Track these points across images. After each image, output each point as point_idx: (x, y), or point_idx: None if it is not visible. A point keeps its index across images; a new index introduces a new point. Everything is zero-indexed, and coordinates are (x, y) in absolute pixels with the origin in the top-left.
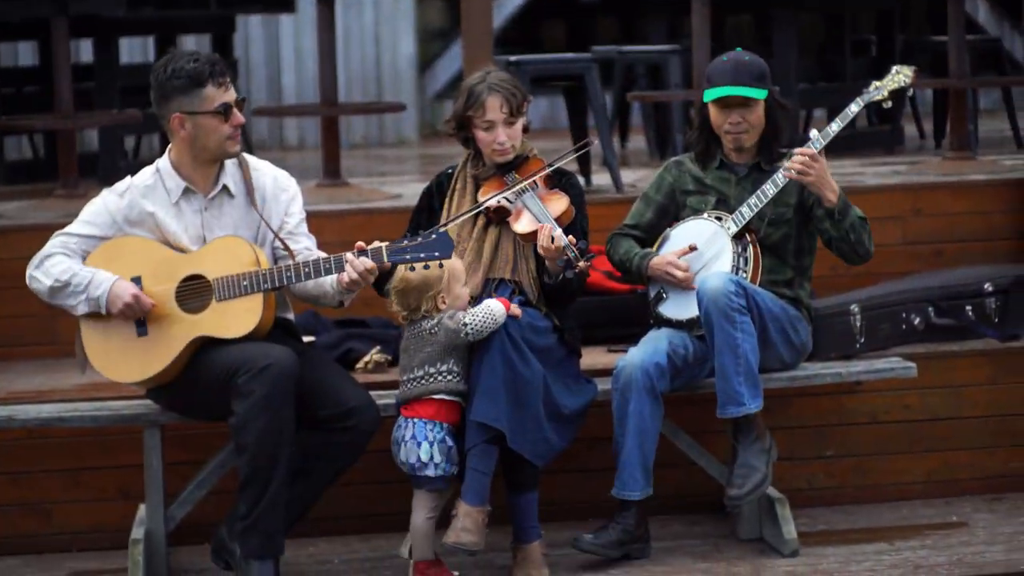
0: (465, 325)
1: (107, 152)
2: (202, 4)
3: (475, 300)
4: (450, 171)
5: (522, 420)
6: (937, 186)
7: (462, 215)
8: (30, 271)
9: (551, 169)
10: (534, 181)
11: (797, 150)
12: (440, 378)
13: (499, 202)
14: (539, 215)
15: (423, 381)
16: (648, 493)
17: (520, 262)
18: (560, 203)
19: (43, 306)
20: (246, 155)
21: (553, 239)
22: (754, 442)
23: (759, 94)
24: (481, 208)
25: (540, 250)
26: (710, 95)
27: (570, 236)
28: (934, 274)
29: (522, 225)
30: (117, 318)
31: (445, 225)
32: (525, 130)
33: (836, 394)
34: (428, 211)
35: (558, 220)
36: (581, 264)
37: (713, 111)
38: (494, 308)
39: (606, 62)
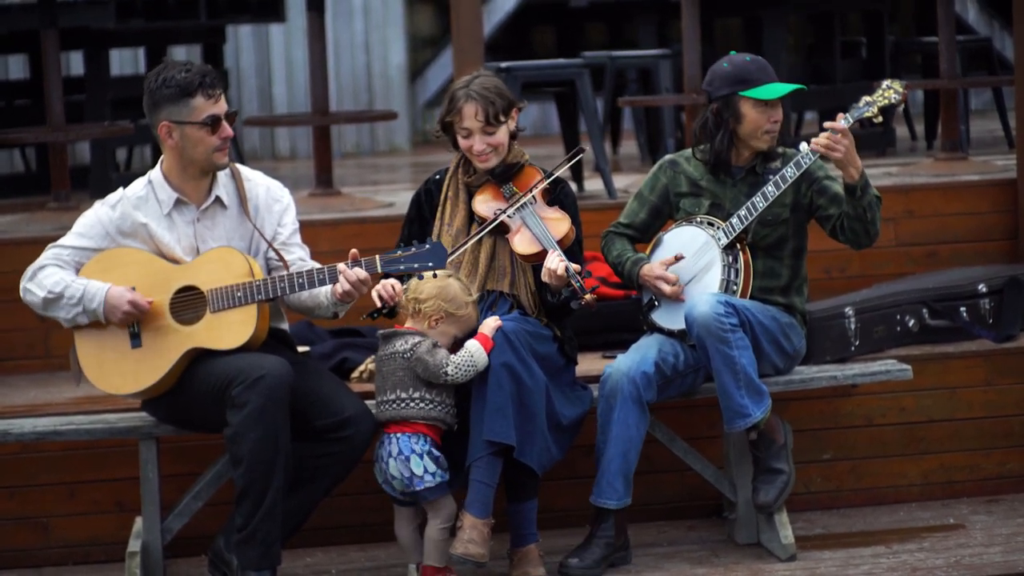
0: (447, 374)
1: (99, 164)
2: (192, 14)
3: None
4: (438, 177)
5: (529, 432)
6: (929, 187)
7: (470, 240)
8: (23, 283)
9: (549, 181)
10: (533, 196)
11: (826, 124)
12: (412, 405)
13: (495, 215)
14: (541, 237)
15: (395, 405)
16: (626, 503)
17: (518, 275)
18: (562, 224)
19: (36, 320)
20: (239, 166)
21: (558, 268)
22: (770, 444)
23: (806, 87)
24: (490, 228)
25: (544, 276)
26: (768, 92)
27: (575, 264)
28: (928, 275)
29: (523, 245)
30: (119, 326)
31: (453, 253)
32: (514, 136)
33: (832, 397)
34: (419, 221)
35: (560, 243)
36: (587, 297)
37: (754, 112)
38: (477, 358)
39: (597, 67)
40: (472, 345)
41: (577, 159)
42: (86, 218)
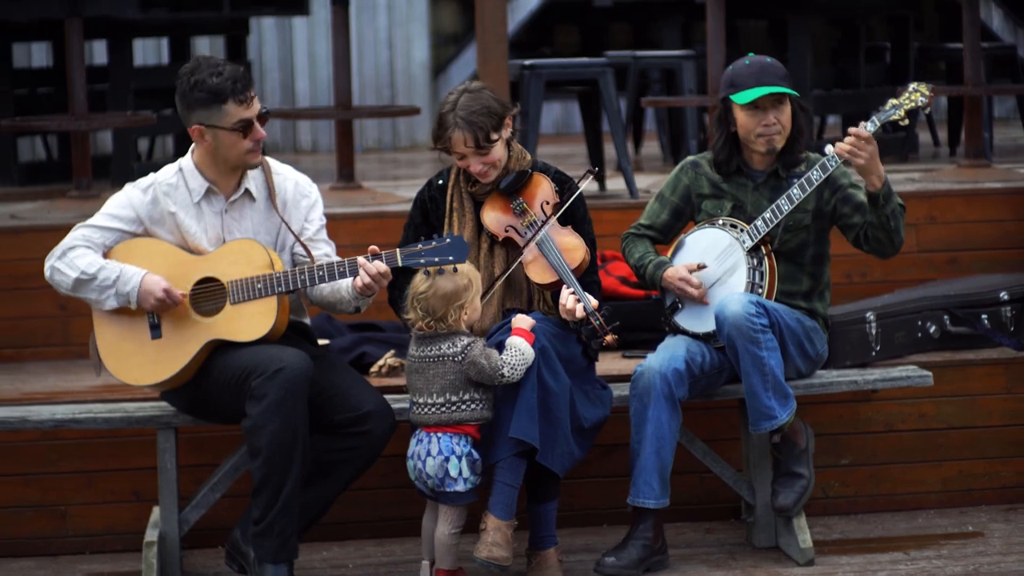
0: (503, 375)
1: (120, 154)
2: (216, 6)
3: (488, 334)
4: (441, 182)
5: (551, 435)
6: (952, 194)
7: (498, 282)
8: (51, 262)
9: (563, 208)
10: (545, 215)
11: (851, 129)
12: (464, 407)
13: (507, 232)
14: (557, 268)
15: (444, 409)
16: (664, 503)
17: (535, 292)
18: (577, 252)
19: (56, 307)
20: (268, 159)
21: (576, 309)
22: (792, 448)
23: (791, 91)
24: (512, 268)
25: (562, 313)
26: (745, 97)
27: (593, 300)
28: (949, 282)
29: (538, 275)
30: (146, 311)
31: (486, 294)
32: (510, 141)
33: (851, 402)
34: (425, 227)
35: (575, 271)
36: (608, 339)
37: (743, 115)
38: (527, 355)
39: (620, 67)
40: (517, 341)
41: (591, 177)
42: (117, 200)
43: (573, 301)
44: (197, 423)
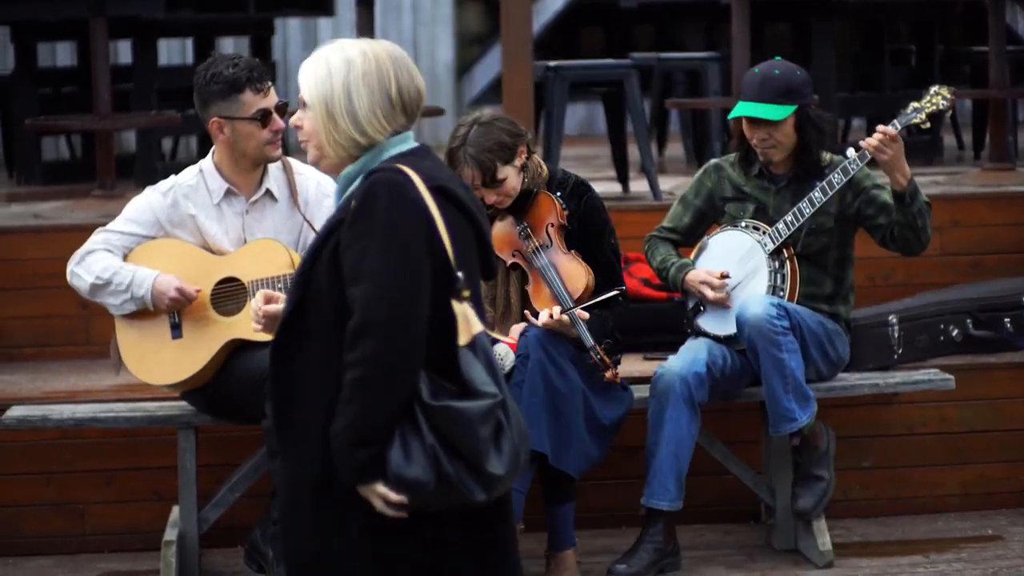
0: None
1: (144, 154)
2: (241, 7)
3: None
4: None
5: (564, 437)
6: (975, 197)
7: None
8: (71, 267)
9: (595, 299)
10: (550, 238)
11: (878, 127)
12: None
13: (514, 257)
14: (558, 295)
15: None
16: (677, 506)
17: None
18: (579, 280)
19: (78, 306)
20: (290, 159)
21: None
22: (812, 450)
23: (776, 113)
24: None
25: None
26: (733, 112)
27: (589, 338)
28: (972, 286)
29: (542, 303)
30: (163, 312)
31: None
32: (525, 166)
33: (873, 405)
34: None
35: (579, 299)
36: (607, 375)
37: (744, 123)
38: (501, 353)
39: (645, 69)
40: (500, 348)
41: (610, 296)
42: (136, 204)
43: (546, 317)
44: (217, 423)
